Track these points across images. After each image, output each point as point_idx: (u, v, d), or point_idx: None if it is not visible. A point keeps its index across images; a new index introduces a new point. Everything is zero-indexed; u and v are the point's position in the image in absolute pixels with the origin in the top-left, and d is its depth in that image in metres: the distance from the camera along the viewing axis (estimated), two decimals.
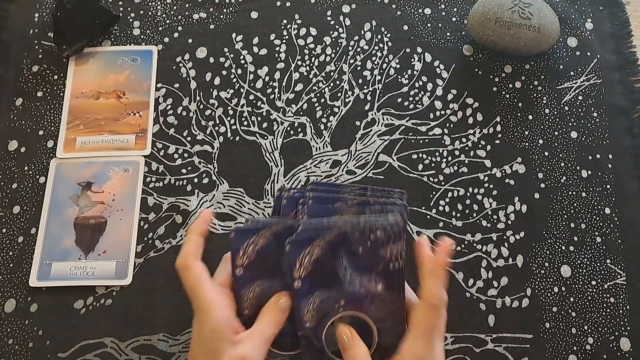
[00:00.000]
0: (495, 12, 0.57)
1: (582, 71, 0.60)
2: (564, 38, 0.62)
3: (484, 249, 0.53)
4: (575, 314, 0.51)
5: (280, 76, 0.60)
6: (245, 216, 0.55)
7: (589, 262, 0.53)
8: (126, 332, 0.50)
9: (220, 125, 0.58)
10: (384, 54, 0.61)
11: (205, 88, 0.60)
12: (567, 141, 0.57)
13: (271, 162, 0.57)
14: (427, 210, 0.55)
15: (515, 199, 0.55)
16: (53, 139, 0.58)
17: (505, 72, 0.60)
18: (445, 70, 0.61)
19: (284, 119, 0.59)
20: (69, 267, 0.52)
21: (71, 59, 0.61)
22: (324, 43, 0.62)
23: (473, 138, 0.58)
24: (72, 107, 0.59)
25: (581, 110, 0.59)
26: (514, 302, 0.52)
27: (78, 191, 0.56)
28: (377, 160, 0.57)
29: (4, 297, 0.52)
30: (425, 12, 0.63)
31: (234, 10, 0.64)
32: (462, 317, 0.51)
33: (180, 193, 0.56)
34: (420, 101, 0.59)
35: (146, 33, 0.62)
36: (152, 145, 0.58)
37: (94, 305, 0.51)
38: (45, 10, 0.64)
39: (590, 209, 0.55)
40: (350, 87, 0.60)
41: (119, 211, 0.55)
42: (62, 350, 0.50)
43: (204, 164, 0.57)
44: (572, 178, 0.56)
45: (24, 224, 0.54)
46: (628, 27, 0.62)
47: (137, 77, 0.60)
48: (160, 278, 0.52)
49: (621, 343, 0.50)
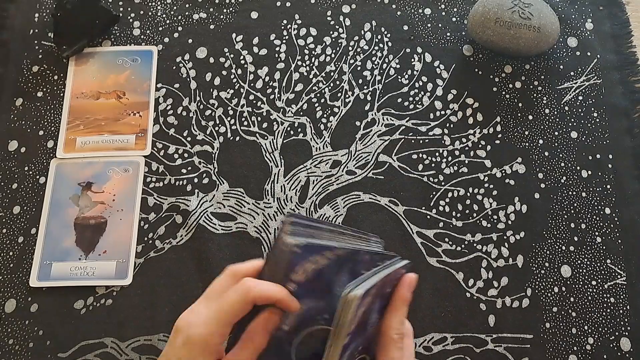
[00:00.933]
0: (495, 12, 0.57)
1: (582, 71, 0.60)
2: (564, 38, 0.62)
3: (484, 249, 0.53)
4: (575, 314, 0.51)
5: (280, 76, 0.60)
6: (245, 216, 0.55)
7: (589, 262, 0.53)
8: (126, 332, 0.50)
9: (220, 125, 0.58)
10: (384, 54, 0.61)
11: (205, 88, 0.60)
12: (567, 141, 0.57)
13: (271, 162, 0.57)
14: (427, 211, 0.55)
15: (515, 199, 0.55)
16: (53, 139, 0.58)
17: (505, 72, 0.60)
18: (445, 71, 0.61)
19: (284, 119, 0.59)
20: (69, 267, 0.52)
21: (71, 59, 0.61)
22: (324, 43, 0.62)
23: (473, 138, 0.58)
24: (72, 107, 0.59)
25: (581, 110, 0.59)
26: (514, 302, 0.52)
27: (78, 191, 0.56)
28: (377, 161, 0.57)
29: (4, 297, 0.52)
30: (425, 12, 0.63)
31: (234, 11, 0.64)
32: (463, 317, 0.51)
33: (180, 193, 0.56)
34: (420, 101, 0.59)
35: (146, 33, 0.62)
36: (152, 146, 0.58)
37: (94, 305, 0.51)
38: (45, 10, 0.64)
39: (590, 209, 0.55)
40: (350, 87, 0.60)
41: (119, 211, 0.55)
42: (62, 350, 0.50)
43: (204, 164, 0.57)
44: (572, 178, 0.56)
45: (24, 224, 0.54)
46: (628, 27, 0.62)
47: (137, 77, 0.60)
48: (161, 278, 0.52)
49: (621, 343, 0.50)
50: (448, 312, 0.51)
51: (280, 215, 0.55)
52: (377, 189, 0.56)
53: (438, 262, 0.53)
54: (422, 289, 0.50)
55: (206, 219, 0.54)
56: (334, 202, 0.55)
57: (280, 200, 0.55)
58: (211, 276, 0.51)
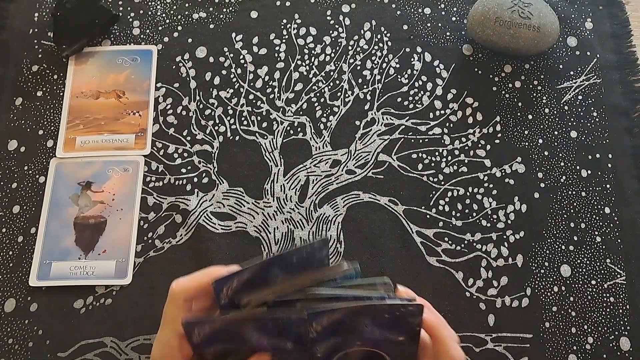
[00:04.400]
0: (495, 12, 0.57)
1: (581, 71, 0.60)
2: (564, 38, 0.62)
3: (484, 249, 0.53)
4: (575, 313, 0.51)
5: (280, 76, 0.60)
6: (245, 216, 0.55)
7: (588, 262, 0.53)
8: (126, 331, 0.50)
9: (220, 124, 0.58)
10: (383, 54, 0.61)
11: (205, 88, 0.60)
12: (567, 141, 0.57)
13: (271, 162, 0.57)
14: (427, 210, 0.55)
15: (515, 199, 0.55)
16: (53, 139, 0.58)
17: (505, 72, 0.60)
18: (445, 70, 0.61)
19: (284, 118, 0.59)
20: (69, 266, 0.52)
21: (71, 58, 0.61)
22: (323, 43, 0.62)
23: (473, 138, 0.58)
24: (72, 107, 0.59)
25: (581, 110, 0.59)
26: (514, 301, 0.52)
27: (78, 191, 0.56)
28: (377, 160, 0.57)
29: (4, 296, 0.52)
30: (425, 11, 0.63)
31: (233, 10, 0.64)
32: (462, 316, 0.51)
33: (180, 192, 0.56)
34: (420, 101, 0.59)
35: (146, 33, 0.62)
36: (151, 145, 0.58)
37: (94, 304, 0.51)
38: (45, 10, 0.64)
39: (590, 209, 0.55)
40: (350, 86, 0.60)
41: (118, 211, 0.55)
42: (62, 350, 0.50)
43: (203, 163, 0.57)
44: (572, 178, 0.56)
45: (23, 224, 0.54)
46: (628, 26, 0.62)
47: (136, 77, 0.60)
48: (160, 277, 0.52)
49: (621, 342, 0.50)
50: (448, 312, 0.51)
51: (279, 215, 0.55)
52: (376, 189, 0.56)
53: (438, 262, 0.53)
54: (421, 289, 0.50)
55: (206, 219, 0.54)
56: (334, 201, 0.55)
57: (280, 199, 0.55)
58: None
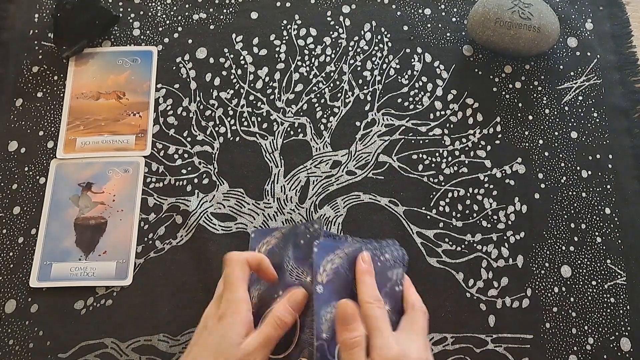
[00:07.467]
0: (495, 13, 0.57)
1: (582, 71, 0.60)
2: (564, 38, 0.62)
3: (484, 250, 0.53)
4: (575, 314, 0.51)
5: (280, 76, 0.60)
6: (245, 216, 0.55)
7: (589, 262, 0.53)
8: (126, 332, 0.50)
9: (220, 125, 0.58)
10: (383, 55, 0.61)
11: (205, 88, 0.60)
12: (567, 141, 0.57)
13: (271, 163, 0.57)
14: (427, 211, 0.55)
15: (515, 199, 0.55)
16: (53, 140, 0.58)
17: (505, 73, 0.60)
18: (445, 71, 0.61)
19: (284, 119, 0.59)
20: (69, 267, 0.52)
21: (71, 59, 0.61)
22: (324, 43, 0.62)
23: (473, 138, 0.58)
24: (72, 108, 0.59)
25: (581, 111, 0.59)
26: (514, 302, 0.52)
27: (78, 192, 0.56)
28: (377, 161, 0.57)
29: (4, 297, 0.52)
30: (425, 12, 0.63)
31: (233, 11, 0.64)
32: (462, 317, 0.51)
33: (180, 193, 0.56)
34: (420, 101, 0.59)
35: (146, 33, 0.62)
36: (152, 146, 0.58)
37: (95, 305, 0.51)
38: (45, 10, 0.64)
39: (590, 209, 0.55)
40: (350, 87, 0.60)
41: (119, 212, 0.55)
42: (62, 351, 0.50)
43: (204, 164, 0.57)
44: (572, 178, 0.56)
45: (24, 225, 0.54)
46: (628, 27, 0.62)
47: (137, 78, 0.60)
48: (161, 278, 0.52)
49: (621, 343, 0.50)
50: (448, 312, 0.51)
51: (280, 216, 0.55)
52: (377, 189, 0.56)
53: (438, 263, 0.53)
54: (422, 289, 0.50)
55: (206, 219, 0.54)
56: (334, 202, 0.55)
57: (280, 200, 0.55)
58: (211, 276, 0.51)
